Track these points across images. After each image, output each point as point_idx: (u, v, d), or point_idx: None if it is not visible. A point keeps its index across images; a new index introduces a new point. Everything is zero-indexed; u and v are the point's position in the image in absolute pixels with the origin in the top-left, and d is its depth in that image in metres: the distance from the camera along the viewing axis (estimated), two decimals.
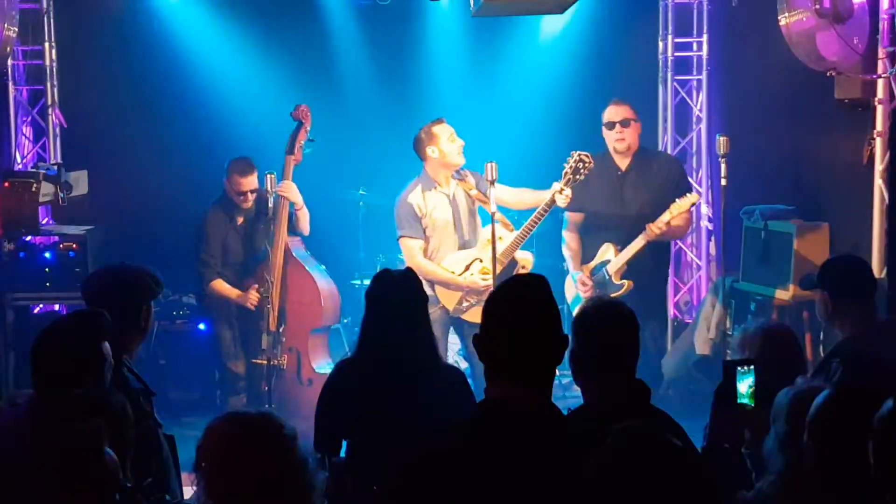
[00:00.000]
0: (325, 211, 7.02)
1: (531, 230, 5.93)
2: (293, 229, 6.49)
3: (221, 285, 6.54)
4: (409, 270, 3.96)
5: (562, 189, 5.81)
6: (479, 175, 6.05)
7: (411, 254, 6.12)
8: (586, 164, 5.83)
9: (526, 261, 6.11)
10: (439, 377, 3.82)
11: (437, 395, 3.68)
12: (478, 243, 6.14)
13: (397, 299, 3.81)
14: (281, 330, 6.25)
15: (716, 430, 3.28)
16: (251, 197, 6.52)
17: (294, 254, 6.42)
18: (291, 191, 6.37)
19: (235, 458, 2.52)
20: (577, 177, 5.84)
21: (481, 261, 5.90)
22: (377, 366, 3.76)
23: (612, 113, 6.35)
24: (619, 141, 6.30)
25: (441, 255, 6.13)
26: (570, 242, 6.45)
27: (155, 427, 3.73)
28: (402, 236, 6.16)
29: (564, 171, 5.86)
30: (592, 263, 6.31)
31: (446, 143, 6.06)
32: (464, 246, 6.15)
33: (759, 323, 4.01)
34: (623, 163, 6.38)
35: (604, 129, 6.39)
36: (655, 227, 6.09)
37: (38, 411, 3.08)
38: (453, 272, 6.05)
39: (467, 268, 6.02)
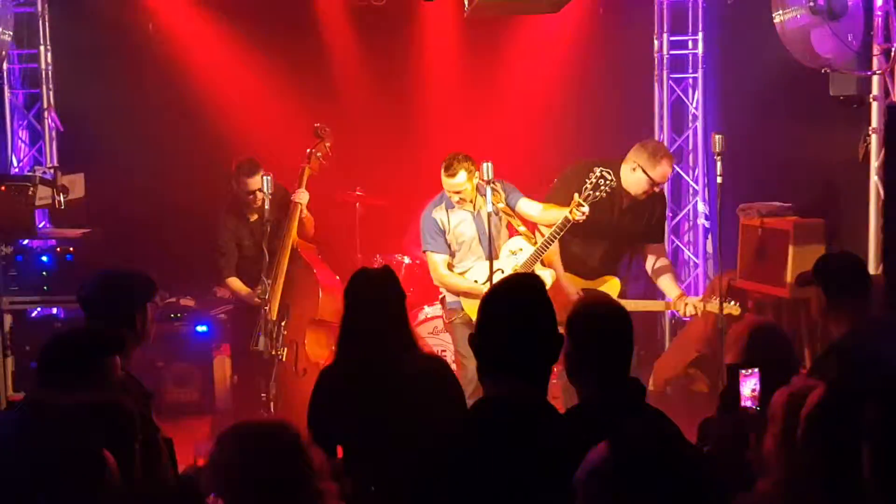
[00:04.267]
0: (321, 212, 7.02)
1: (550, 243, 5.89)
2: (303, 235, 6.64)
3: (236, 283, 6.67)
4: (387, 268, 4.01)
5: (580, 204, 5.70)
6: (511, 187, 6.09)
7: (434, 267, 6.21)
8: (608, 181, 5.67)
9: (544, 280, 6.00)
10: (424, 368, 3.86)
11: (424, 388, 3.73)
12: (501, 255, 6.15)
13: (375, 295, 3.86)
14: (283, 323, 6.30)
15: (720, 434, 3.26)
16: (260, 196, 6.49)
17: (302, 254, 6.54)
18: (303, 198, 6.59)
19: (250, 473, 2.51)
20: (598, 193, 5.68)
21: (503, 271, 5.90)
22: (361, 365, 3.78)
23: (663, 173, 5.97)
24: (647, 193, 6.00)
25: (467, 268, 6.19)
26: None
27: (154, 431, 3.74)
28: (425, 250, 6.24)
29: (584, 186, 5.69)
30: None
31: (446, 181, 6.05)
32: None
33: (746, 320, 3.99)
34: (627, 200, 6.08)
35: (643, 174, 5.93)
36: (686, 309, 6.11)
37: (39, 415, 3.07)
38: (476, 281, 6.08)
39: (489, 278, 6.02)
